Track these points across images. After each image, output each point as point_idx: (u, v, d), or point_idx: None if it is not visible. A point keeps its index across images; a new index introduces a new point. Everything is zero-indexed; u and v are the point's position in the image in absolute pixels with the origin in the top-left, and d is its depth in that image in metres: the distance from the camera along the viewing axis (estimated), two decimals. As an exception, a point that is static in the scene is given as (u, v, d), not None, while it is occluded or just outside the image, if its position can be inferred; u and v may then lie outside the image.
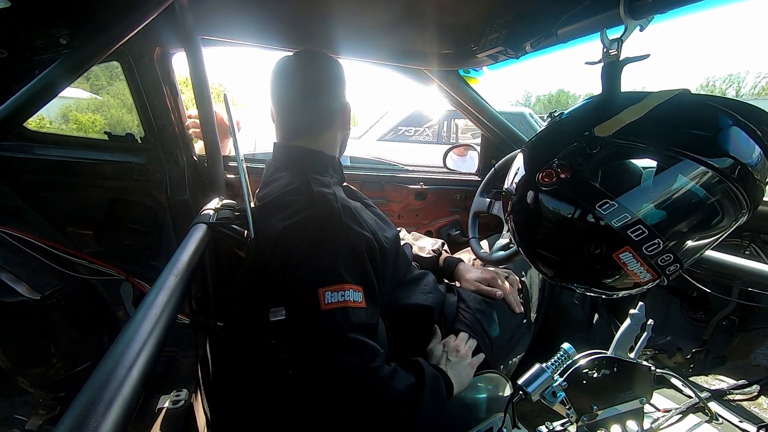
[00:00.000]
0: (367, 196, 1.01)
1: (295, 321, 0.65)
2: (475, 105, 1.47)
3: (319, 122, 0.86)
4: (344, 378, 0.62)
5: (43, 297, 1.12)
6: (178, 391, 1.04)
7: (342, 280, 0.65)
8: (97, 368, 0.36)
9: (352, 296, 0.64)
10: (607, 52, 0.59)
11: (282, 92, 0.85)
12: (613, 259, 0.57)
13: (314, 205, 0.70)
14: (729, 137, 0.52)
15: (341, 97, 0.87)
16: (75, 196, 1.30)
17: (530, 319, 1.05)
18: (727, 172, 0.52)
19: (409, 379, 0.68)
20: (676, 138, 0.53)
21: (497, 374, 0.87)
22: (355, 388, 0.63)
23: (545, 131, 0.68)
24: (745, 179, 0.52)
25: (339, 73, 0.87)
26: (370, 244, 0.72)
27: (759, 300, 1.10)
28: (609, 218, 0.54)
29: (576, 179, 0.57)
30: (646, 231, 0.54)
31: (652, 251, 0.55)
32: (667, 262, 0.56)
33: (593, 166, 0.56)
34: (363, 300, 0.66)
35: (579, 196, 0.56)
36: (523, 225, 0.67)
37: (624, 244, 0.55)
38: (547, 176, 0.59)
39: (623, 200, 0.54)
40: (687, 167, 0.52)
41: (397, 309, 0.85)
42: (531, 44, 0.88)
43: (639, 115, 0.55)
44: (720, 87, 48.72)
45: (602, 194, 0.55)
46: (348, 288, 0.65)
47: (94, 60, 0.71)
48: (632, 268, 0.57)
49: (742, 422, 0.81)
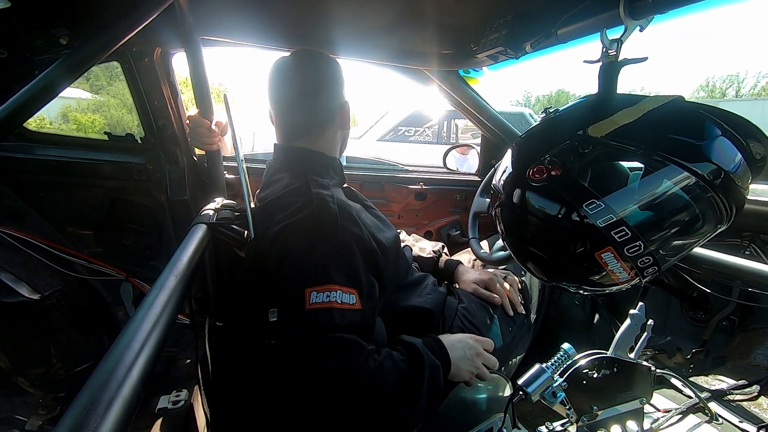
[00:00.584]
0: (367, 197, 1.01)
1: (285, 321, 0.65)
2: (475, 105, 1.47)
3: (318, 122, 0.86)
4: (330, 376, 0.61)
5: (43, 297, 1.12)
6: (178, 391, 1.04)
7: (330, 281, 0.64)
8: (97, 368, 0.36)
9: (339, 297, 0.63)
10: (606, 53, 0.60)
11: (279, 93, 0.85)
12: (595, 258, 0.57)
13: (311, 206, 0.70)
14: (715, 146, 0.54)
15: (339, 96, 0.87)
16: (75, 197, 1.30)
17: (530, 320, 1.05)
18: (708, 179, 0.53)
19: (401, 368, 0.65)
20: (665, 143, 0.54)
21: (497, 374, 0.87)
22: (342, 386, 0.61)
23: (538, 127, 0.68)
24: (726, 186, 0.54)
25: (337, 73, 0.87)
26: (367, 245, 0.72)
27: (759, 300, 1.10)
28: (594, 218, 0.55)
29: (566, 177, 0.57)
30: (629, 233, 0.55)
31: (633, 253, 0.56)
32: (646, 264, 0.58)
33: (584, 166, 0.57)
34: (357, 301, 0.65)
35: (568, 194, 0.57)
36: (511, 221, 0.68)
37: (606, 244, 0.56)
38: (537, 172, 0.59)
39: (609, 201, 0.55)
40: (672, 172, 0.53)
41: (396, 311, 0.85)
42: (531, 44, 0.88)
43: (633, 118, 0.56)
44: (720, 87, 48.69)
45: (590, 194, 0.55)
46: (335, 289, 0.63)
47: (94, 60, 0.71)
48: (612, 268, 0.58)
49: (742, 422, 0.81)
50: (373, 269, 0.73)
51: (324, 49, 1.04)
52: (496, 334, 0.95)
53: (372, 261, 0.72)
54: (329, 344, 0.61)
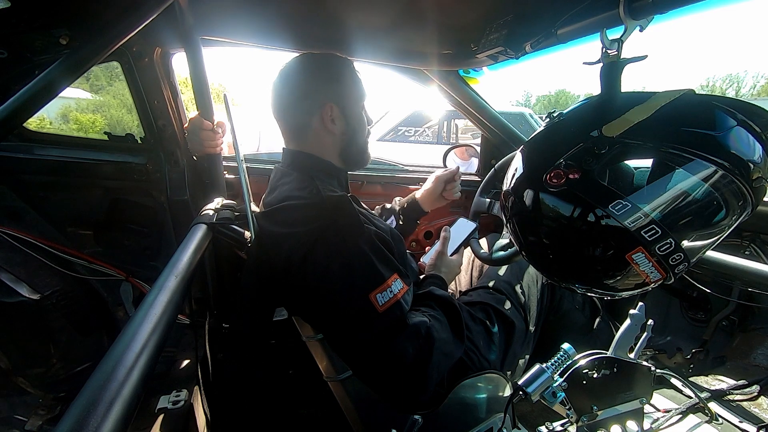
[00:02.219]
0: (367, 197, 1.01)
1: (352, 329, 0.67)
2: (475, 105, 1.47)
3: (299, 125, 0.85)
4: (418, 356, 0.67)
5: (43, 297, 1.12)
6: (178, 391, 1.04)
7: (383, 278, 0.68)
8: (97, 368, 0.36)
9: (396, 287, 0.69)
10: (607, 53, 0.59)
11: (273, 96, 0.87)
12: (625, 259, 0.56)
13: (327, 210, 0.71)
14: (734, 136, 0.53)
15: (321, 96, 0.83)
16: (75, 197, 1.30)
17: (530, 332, 1.04)
18: (734, 170, 0.52)
19: (444, 321, 0.76)
20: (683, 137, 0.53)
21: (497, 374, 0.87)
22: (428, 359, 0.67)
23: (545, 131, 0.68)
24: (750, 176, 0.53)
25: (313, 71, 0.85)
26: (380, 236, 0.75)
27: (759, 300, 1.10)
28: (623, 218, 0.54)
29: (587, 180, 0.56)
30: (659, 231, 0.53)
31: (664, 251, 0.55)
32: (677, 261, 0.56)
33: (602, 167, 0.56)
34: (403, 284, 0.71)
35: (591, 197, 0.56)
36: (527, 226, 0.66)
37: (637, 244, 0.55)
38: (555, 177, 0.58)
39: (635, 199, 0.54)
40: (697, 166, 0.52)
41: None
42: (531, 44, 0.88)
43: (646, 115, 0.55)
44: (720, 87, 48.69)
45: (614, 194, 0.54)
46: (390, 282, 0.68)
47: (94, 60, 0.71)
48: (644, 269, 0.57)
49: (742, 422, 0.81)
50: (390, 252, 0.76)
51: (324, 49, 1.04)
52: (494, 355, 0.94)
53: (388, 246, 0.76)
54: (411, 331, 0.67)
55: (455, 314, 0.79)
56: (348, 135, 0.88)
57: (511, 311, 1.02)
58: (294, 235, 0.70)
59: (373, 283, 0.67)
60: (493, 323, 0.98)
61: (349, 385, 0.77)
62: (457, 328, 0.78)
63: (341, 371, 0.77)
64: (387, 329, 0.66)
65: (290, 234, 0.71)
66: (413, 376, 0.67)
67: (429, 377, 0.67)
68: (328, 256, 0.68)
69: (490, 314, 0.99)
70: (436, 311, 0.77)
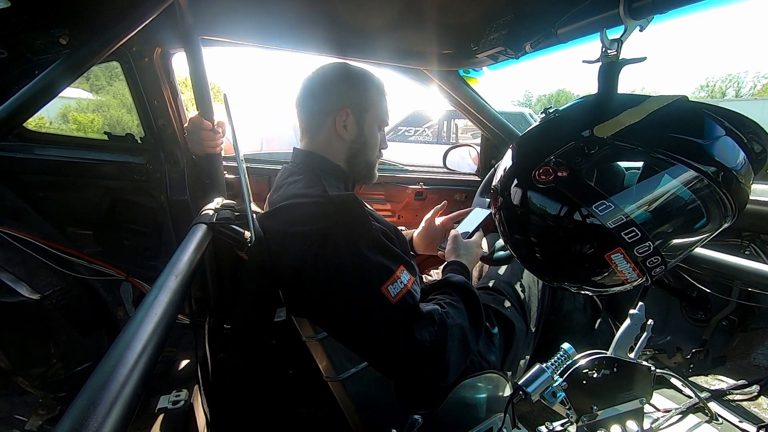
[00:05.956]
0: (367, 196, 1.01)
1: (368, 323, 0.69)
2: (475, 105, 1.47)
3: (314, 122, 0.88)
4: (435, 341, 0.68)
5: (43, 297, 1.12)
6: (178, 391, 1.04)
7: (392, 270, 0.70)
8: (97, 368, 0.36)
9: (404, 278, 0.71)
10: (606, 52, 0.59)
11: (301, 86, 0.89)
12: (604, 259, 0.57)
13: (334, 208, 0.72)
14: (720, 145, 0.55)
15: (337, 100, 0.85)
16: (75, 196, 1.30)
17: (531, 332, 1.04)
18: (714, 177, 0.54)
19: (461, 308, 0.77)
20: (671, 143, 0.54)
21: (497, 374, 0.87)
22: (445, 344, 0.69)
23: (538, 128, 0.68)
24: (730, 183, 0.55)
25: (341, 77, 0.86)
26: (385, 232, 0.76)
27: (759, 300, 1.10)
28: (604, 219, 0.55)
29: (574, 178, 0.57)
30: (639, 233, 0.55)
31: (642, 253, 0.56)
32: (654, 264, 0.58)
33: (590, 166, 0.56)
34: (409, 275, 0.72)
35: (576, 196, 0.57)
36: (515, 222, 0.67)
37: (616, 245, 0.56)
38: (544, 174, 0.59)
39: (618, 201, 0.55)
40: (679, 171, 0.54)
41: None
42: (531, 44, 0.88)
43: (638, 118, 0.56)
44: (720, 87, 48.68)
45: (599, 194, 0.55)
46: (399, 273, 0.70)
47: (94, 60, 0.71)
48: (621, 269, 0.58)
49: (742, 422, 0.81)
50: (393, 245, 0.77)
51: (324, 49, 1.04)
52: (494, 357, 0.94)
53: (391, 240, 0.77)
54: (426, 319, 0.69)
55: (473, 299, 0.80)
56: (358, 145, 0.89)
57: (510, 311, 1.02)
58: (300, 234, 0.70)
59: (383, 276, 0.68)
60: (493, 325, 0.98)
61: (349, 385, 0.77)
62: (475, 314, 0.79)
63: (341, 371, 0.77)
64: (402, 319, 0.68)
65: (296, 233, 0.71)
66: (433, 362, 0.68)
67: (448, 363, 0.69)
68: (338, 254, 0.68)
69: (489, 316, 0.99)
70: (454, 297, 0.79)
